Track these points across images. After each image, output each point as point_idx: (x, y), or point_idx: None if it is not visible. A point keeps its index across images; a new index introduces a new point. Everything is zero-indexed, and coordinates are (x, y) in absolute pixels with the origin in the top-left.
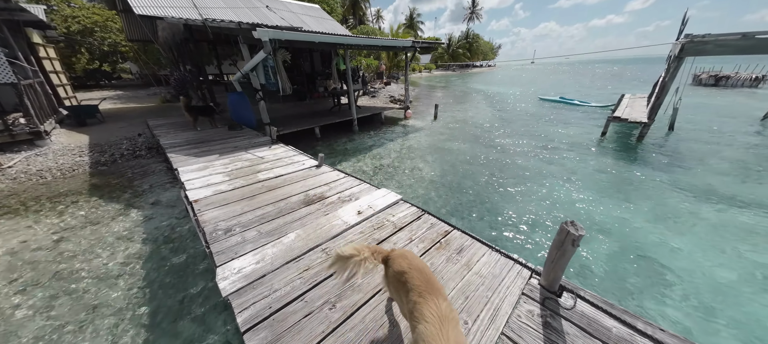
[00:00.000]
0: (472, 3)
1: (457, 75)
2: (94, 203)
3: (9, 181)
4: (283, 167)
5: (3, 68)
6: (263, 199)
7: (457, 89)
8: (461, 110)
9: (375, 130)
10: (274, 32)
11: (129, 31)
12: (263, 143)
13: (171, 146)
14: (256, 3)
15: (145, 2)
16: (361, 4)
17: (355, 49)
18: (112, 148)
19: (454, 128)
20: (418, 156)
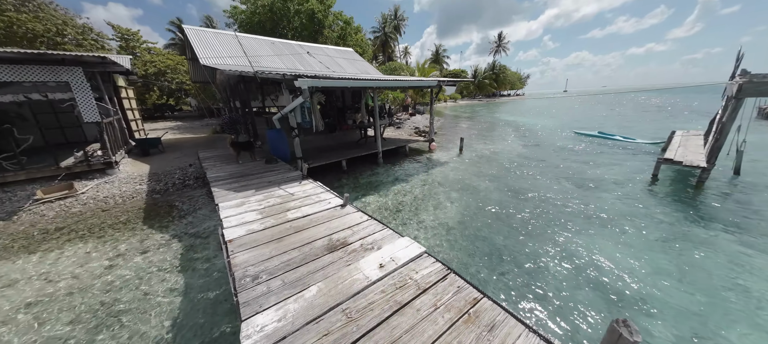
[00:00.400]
0: (498, 37)
1: (484, 104)
2: (144, 232)
3: (80, 206)
4: (310, 206)
5: (92, 110)
6: (290, 242)
7: (484, 120)
8: (488, 143)
9: (399, 162)
10: (312, 81)
11: (193, 74)
12: (294, 179)
13: (215, 180)
14: (298, 50)
15: (209, 55)
16: (390, 43)
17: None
18: (166, 177)
19: (481, 164)
20: (442, 193)
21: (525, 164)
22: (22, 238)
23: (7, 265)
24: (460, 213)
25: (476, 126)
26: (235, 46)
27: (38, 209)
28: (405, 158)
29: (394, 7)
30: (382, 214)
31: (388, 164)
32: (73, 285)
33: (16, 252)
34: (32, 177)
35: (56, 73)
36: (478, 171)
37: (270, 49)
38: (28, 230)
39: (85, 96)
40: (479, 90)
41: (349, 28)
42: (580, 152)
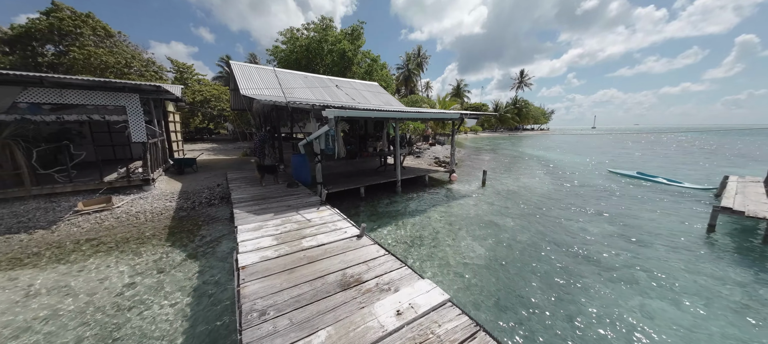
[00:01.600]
0: (520, 74)
1: (506, 137)
2: (165, 249)
3: (113, 219)
4: (326, 235)
5: (141, 131)
6: (302, 274)
7: (507, 153)
8: (514, 177)
9: (418, 192)
10: (339, 112)
11: (233, 102)
12: (312, 204)
13: (238, 201)
14: (328, 83)
15: (249, 86)
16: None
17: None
18: (195, 196)
19: (507, 199)
20: (464, 229)
21: (556, 203)
22: (55, 247)
23: (34, 273)
24: (485, 255)
25: (500, 159)
26: (272, 79)
27: (76, 220)
28: (424, 188)
29: (417, 46)
30: (399, 247)
31: (407, 194)
32: (88, 303)
33: (46, 262)
34: (78, 190)
35: (116, 98)
36: (503, 208)
37: (303, 82)
38: (62, 241)
39: (137, 119)
40: (501, 123)
41: (376, 65)
42: (618, 193)
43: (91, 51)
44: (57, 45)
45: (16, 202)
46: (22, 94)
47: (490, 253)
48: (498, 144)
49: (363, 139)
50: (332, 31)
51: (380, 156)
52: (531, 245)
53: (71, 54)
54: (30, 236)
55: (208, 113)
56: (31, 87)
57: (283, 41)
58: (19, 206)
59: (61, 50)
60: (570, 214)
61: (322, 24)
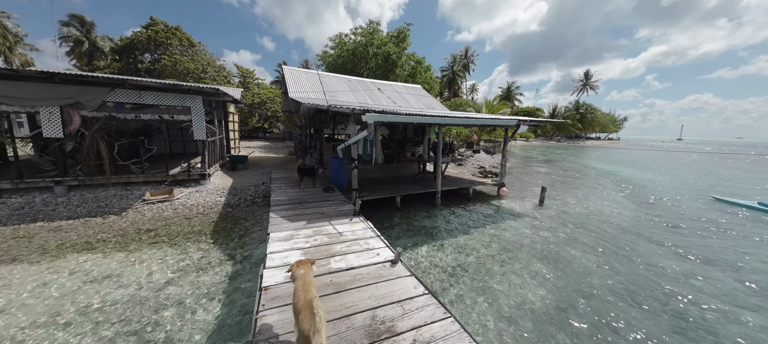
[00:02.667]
0: (585, 75)
1: (564, 147)
2: (207, 247)
3: (171, 210)
4: (357, 255)
5: (202, 130)
6: (326, 309)
7: (568, 166)
8: (579, 197)
9: (461, 207)
10: (379, 116)
11: (284, 105)
12: (346, 214)
13: (276, 204)
14: (370, 86)
15: (296, 89)
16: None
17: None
18: (241, 193)
19: (573, 226)
20: (520, 260)
21: (645, 240)
22: (120, 235)
23: (97, 260)
24: (550, 303)
25: (558, 172)
26: (317, 82)
27: (143, 208)
28: (468, 203)
29: (465, 47)
30: (437, 275)
31: (448, 207)
32: (132, 297)
33: (111, 249)
34: (148, 180)
35: (182, 100)
36: (570, 237)
37: (346, 86)
38: (127, 228)
39: (199, 119)
40: (558, 131)
41: (420, 67)
42: (734, 231)
43: (177, 59)
44: (152, 53)
45: (100, 188)
46: (110, 94)
47: (555, 300)
48: (554, 154)
49: (401, 143)
50: (378, 34)
51: (419, 163)
52: (613, 298)
53: (163, 61)
54: (104, 220)
55: (264, 114)
56: (117, 88)
57: (332, 47)
58: (101, 192)
59: (155, 58)
60: (668, 258)
61: (369, 28)
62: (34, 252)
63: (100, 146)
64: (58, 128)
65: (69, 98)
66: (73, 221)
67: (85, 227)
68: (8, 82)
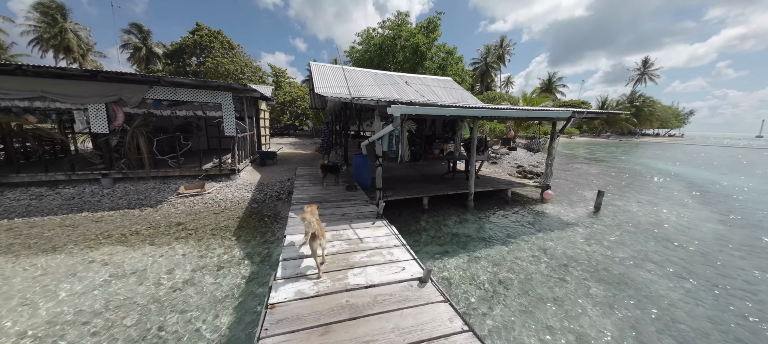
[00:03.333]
0: (643, 63)
1: (614, 144)
2: (230, 244)
3: (201, 204)
4: (379, 268)
5: (232, 127)
6: (338, 341)
7: (621, 165)
8: (643, 202)
9: (497, 212)
10: (406, 108)
11: (311, 102)
12: (368, 217)
13: (297, 202)
14: (397, 80)
15: (322, 85)
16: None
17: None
18: (268, 189)
19: (640, 238)
20: (575, 282)
21: (739, 258)
22: (152, 228)
23: (126, 253)
24: (616, 333)
25: (611, 173)
26: (343, 77)
27: (176, 201)
28: (505, 206)
29: (500, 37)
30: (473, 295)
31: (482, 212)
32: (152, 296)
33: (141, 242)
34: (183, 174)
35: (214, 97)
36: (638, 253)
37: (372, 80)
38: (159, 221)
39: (229, 115)
40: (608, 126)
41: (451, 58)
42: None
43: (219, 61)
44: (198, 56)
45: (141, 181)
46: (149, 92)
47: (626, 338)
48: (604, 153)
49: (429, 139)
50: (406, 26)
51: (449, 161)
52: (712, 337)
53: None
54: (140, 212)
55: (294, 112)
56: (155, 86)
57: (360, 42)
58: (142, 184)
59: (200, 61)
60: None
61: (397, 20)
62: (73, 242)
63: (140, 141)
64: (104, 123)
65: (113, 95)
66: (113, 212)
67: (123, 219)
68: (59, 80)
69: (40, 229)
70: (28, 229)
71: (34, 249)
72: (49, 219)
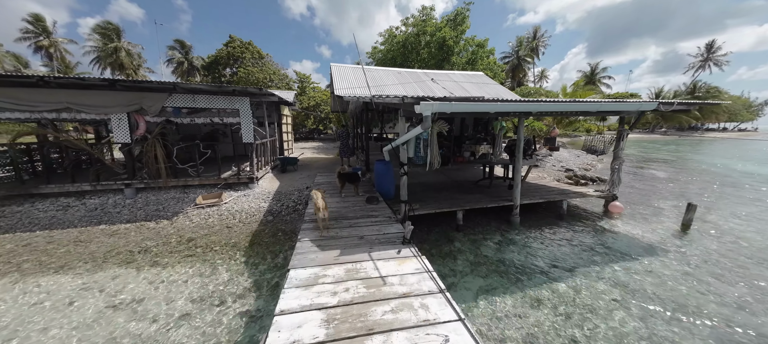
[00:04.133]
0: (707, 48)
1: (674, 141)
2: (238, 267)
3: (216, 217)
4: (409, 336)
5: (250, 133)
6: None
7: (693, 166)
8: (747, 217)
9: (549, 228)
10: (439, 105)
11: (332, 105)
12: (391, 241)
13: (310, 219)
14: (422, 77)
15: (342, 86)
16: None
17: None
18: (285, 198)
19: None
20: (678, 336)
21: None
22: (163, 244)
23: (131, 276)
24: None
25: (686, 177)
26: (363, 77)
27: (193, 213)
28: (560, 222)
29: (533, 28)
30: None
31: (531, 229)
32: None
33: (148, 262)
34: (203, 183)
35: (231, 102)
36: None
37: (395, 78)
38: (171, 236)
39: (247, 121)
40: (664, 121)
41: (481, 51)
42: None
43: (249, 70)
44: (231, 67)
45: (162, 191)
46: (168, 99)
47: None
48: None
49: (458, 141)
50: (431, 21)
51: (484, 165)
52: None
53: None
54: (155, 225)
55: (318, 116)
56: (174, 93)
57: (382, 42)
58: (163, 194)
59: (233, 71)
60: None
61: (421, 15)
62: (82, 261)
63: (158, 150)
64: (126, 133)
65: (134, 104)
66: (129, 225)
67: (137, 232)
68: (82, 91)
69: (56, 245)
70: (45, 244)
71: (43, 269)
72: (67, 233)
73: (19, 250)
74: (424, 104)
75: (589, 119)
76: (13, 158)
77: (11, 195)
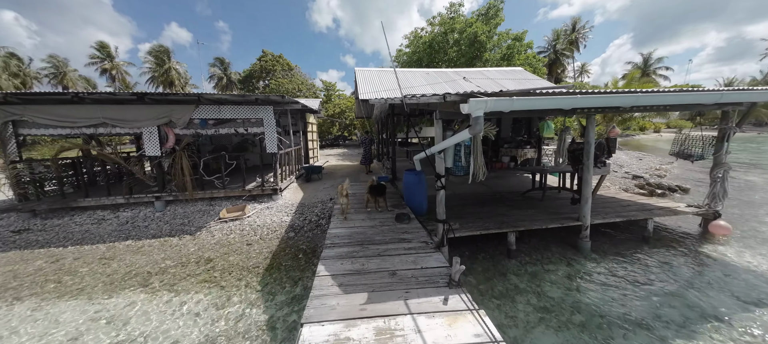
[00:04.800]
0: None
1: (751, 138)
2: (253, 296)
3: (238, 232)
4: None
5: (274, 143)
6: None
7: None
8: None
9: (631, 257)
10: (495, 101)
11: (357, 111)
12: (432, 279)
13: (331, 245)
14: (453, 76)
15: (367, 90)
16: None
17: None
18: (308, 211)
19: None
20: None
21: None
22: (181, 265)
23: (143, 302)
24: None
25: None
26: (390, 80)
27: (216, 228)
28: (643, 248)
29: (572, 20)
30: None
31: (605, 257)
32: None
33: (163, 284)
34: (228, 195)
35: (255, 112)
36: None
37: (423, 79)
38: (191, 255)
39: (271, 131)
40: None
41: (519, 45)
42: None
43: (280, 81)
44: (264, 80)
45: (189, 204)
46: (195, 111)
47: None
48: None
49: (495, 144)
50: (460, 17)
51: (533, 174)
52: None
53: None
54: (179, 241)
55: (343, 123)
56: (200, 105)
57: (407, 45)
58: (190, 207)
59: (266, 84)
60: None
61: (449, 13)
62: (101, 283)
63: (183, 162)
64: (156, 146)
65: (164, 117)
66: (154, 241)
67: (160, 249)
68: (115, 106)
69: (81, 263)
70: (72, 261)
71: (62, 292)
72: (95, 249)
73: (46, 268)
74: (473, 101)
75: (646, 116)
76: (56, 173)
77: (54, 208)
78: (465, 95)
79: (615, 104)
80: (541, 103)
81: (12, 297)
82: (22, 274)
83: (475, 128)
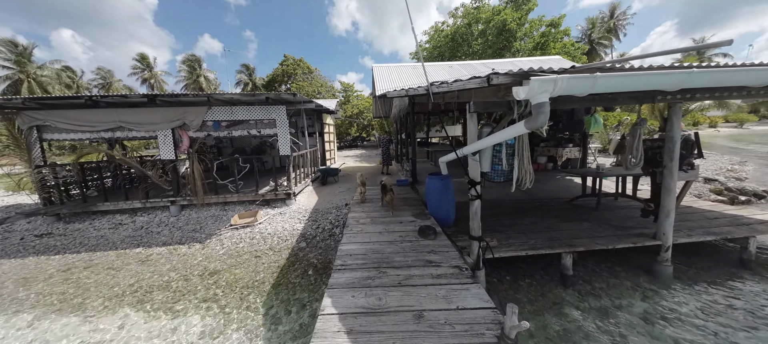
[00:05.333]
0: None
1: None
2: (255, 321)
3: (247, 241)
4: None
5: (287, 145)
6: None
7: None
8: None
9: (723, 285)
10: (569, 79)
11: (374, 110)
12: (476, 332)
13: (341, 267)
14: (479, 68)
15: (386, 86)
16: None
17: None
18: (321, 219)
19: None
20: None
21: None
22: (184, 279)
23: (136, 322)
24: None
25: None
26: (409, 75)
27: (226, 235)
28: (743, 275)
29: (610, 6)
30: None
31: (694, 287)
32: None
33: (162, 303)
34: (241, 200)
35: (268, 112)
36: None
37: (446, 73)
38: (196, 267)
39: (284, 132)
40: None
41: (555, 32)
42: None
43: (300, 84)
44: (285, 84)
45: (204, 208)
46: (208, 113)
47: None
48: None
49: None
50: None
51: (584, 177)
52: None
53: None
54: (188, 250)
55: (361, 123)
56: (212, 106)
57: (427, 40)
58: (204, 211)
59: (287, 87)
60: None
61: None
62: (102, 297)
63: (195, 166)
64: (171, 149)
65: (177, 120)
66: (163, 249)
67: (168, 259)
68: (130, 109)
69: (90, 271)
70: (81, 270)
71: (61, 307)
72: (105, 257)
73: (55, 277)
74: (537, 80)
75: (704, 109)
76: (78, 176)
77: (76, 212)
78: (521, 74)
79: (762, 82)
80: (637, 81)
81: (14, 310)
82: (32, 283)
83: (537, 118)
